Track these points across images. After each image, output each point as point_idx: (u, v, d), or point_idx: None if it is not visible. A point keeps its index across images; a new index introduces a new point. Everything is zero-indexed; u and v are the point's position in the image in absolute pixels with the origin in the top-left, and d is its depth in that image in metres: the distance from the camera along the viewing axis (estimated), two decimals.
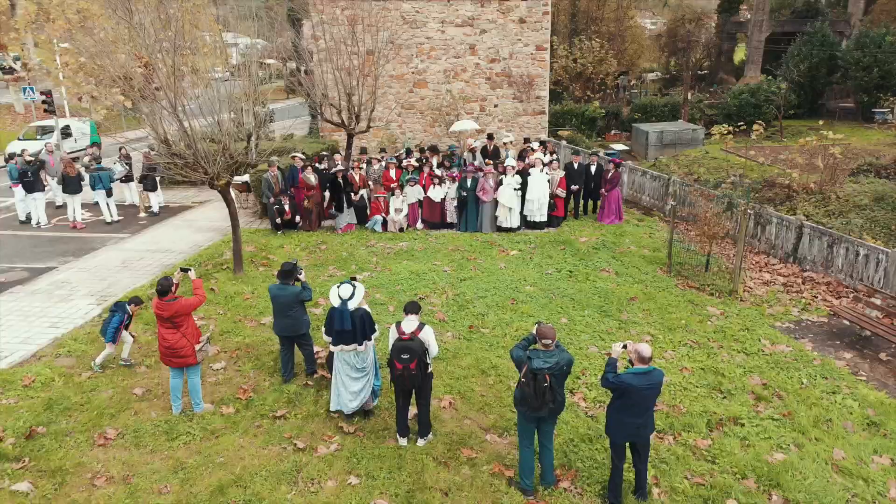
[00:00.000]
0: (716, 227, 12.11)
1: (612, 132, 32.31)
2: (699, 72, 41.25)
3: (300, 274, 9.20)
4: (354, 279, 8.32)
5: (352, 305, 7.92)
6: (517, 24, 21.28)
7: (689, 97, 33.52)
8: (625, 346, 6.94)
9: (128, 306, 9.72)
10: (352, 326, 7.92)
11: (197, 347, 8.34)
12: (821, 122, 23.50)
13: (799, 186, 18.11)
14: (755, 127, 24.17)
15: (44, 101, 20.99)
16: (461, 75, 21.74)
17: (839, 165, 18.14)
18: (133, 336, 10.02)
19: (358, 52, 16.52)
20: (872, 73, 30.49)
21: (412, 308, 7.72)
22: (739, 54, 45.66)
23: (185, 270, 8.80)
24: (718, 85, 40.17)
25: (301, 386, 9.14)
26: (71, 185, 15.93)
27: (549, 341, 6.74)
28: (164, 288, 8.20)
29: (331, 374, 8.40)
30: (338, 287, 8.07)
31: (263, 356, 10.00)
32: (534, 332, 7.15)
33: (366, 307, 8.26)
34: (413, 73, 21.70)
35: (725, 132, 23.76)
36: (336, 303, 7.97)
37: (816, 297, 11.82)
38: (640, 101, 33.21)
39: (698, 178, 22.58)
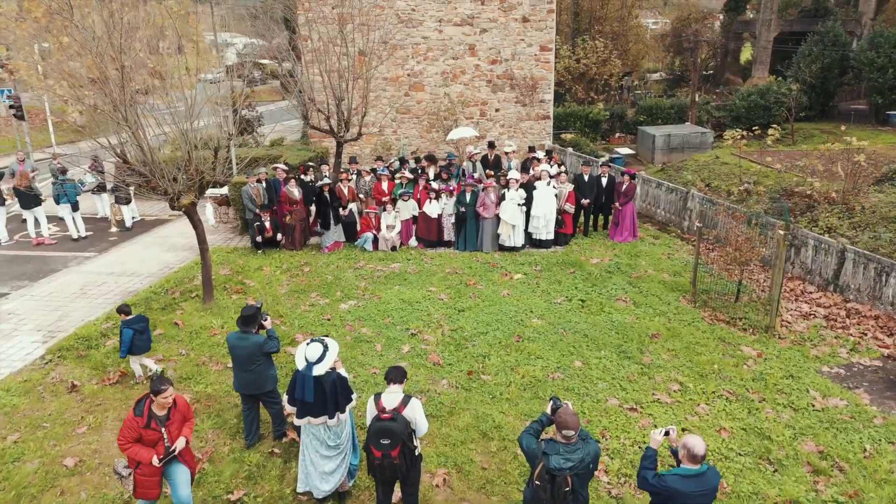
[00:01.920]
0: (749, 252, 10.41)
1: (617, 135, 30.66)
2: (704, 72, 39.51)
3: (265, 320, 7.53)
4: (326, 336, 6.64)
5: (319, 370, 6.24)
6: (520, 22, 19.54)
7: (696, 99, 31.80)
8: (667, 434, 5.28)
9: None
10: (320, 396, 6.26)
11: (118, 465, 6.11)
12: (843, 128, 21.80)
13: (819, 196, 16.48)
14: (770, 131, 22.48)
15: (11, 106, 19.26)
16: (460, 77, 20.01)
17: (861, 173, 16.52)
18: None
19: (348, 54, 14.82)
20: (887, 73, 28.76)
21: (396, 376, 6.04)
22: (745, 54, 43.88)
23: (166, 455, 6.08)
24: (724, 86, 38.44)
25: (266, 455, 7.48)
26: (23, 198, 14.22)
27: (572, 433, 5.07)
28: (154, 388, 5.89)
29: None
30: (306, 345, 6.41)
31: (226, 410, 8.35)
32: (548, 410, 5.51)
33: (340, 371, 6.61)
34: (408, 75, 19.98)
35: (739, 136, 22.06)
36: (301, 365, 6.31)
37: (866, 335, 10.13)
38: (645, 103, 31.52)
39: (709, 184, 21.00)
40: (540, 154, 15.88)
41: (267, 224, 13.68)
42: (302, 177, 14.58)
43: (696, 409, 8.28)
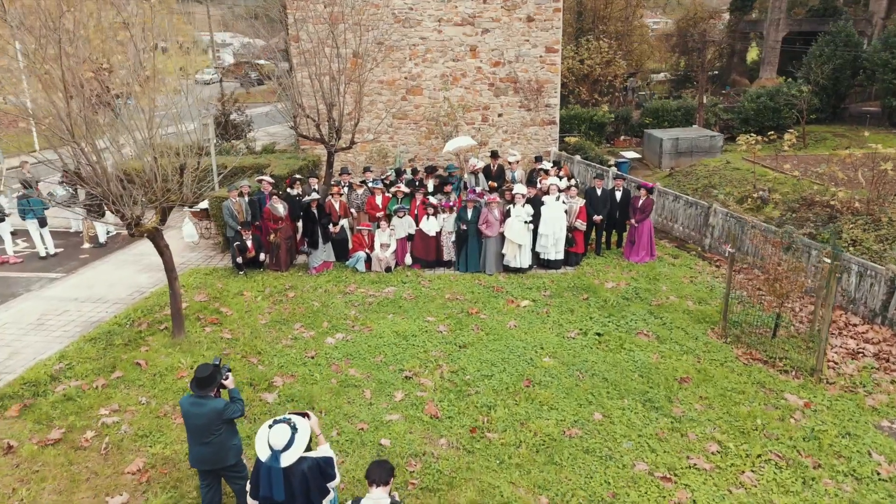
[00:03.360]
0: (791, 284, 8.99)
1: (622, 138, 29.23)
2: (710, 73, 38.02)
3: (225, 378, 6.12)
4: (302, 415, 5.23)
5: (287, 459, 4.86)
6: (524, 22, 18.09)
7: (704, 100, 30.34)
8: None
9: None
10: (288, 491, 4.87)
11: None
12: (866, 133, 20.37)
13: (842, 206, 15.13)
14: (787, 136, 21.06)
15: None
16: (460, 80, 18.57)
17: (883, 180, 15.18)
18: None
19: (340, 55, 13.37)
20: None
21: (379, 476, 4.65)
22: (751, 54, 42.39)
23: None
24: (731, 87, 36.98)
25: None
26: None
27: None
28: None
29: None
30: (268, 427, 5.01)
31: (186, 480, 6.94)
32: None
33: (323, 447, 5.24)
34: (406, 78, 18.53)
35: (754, 142, 20.62)
36: (264, 455, 4.93)
37: None
38: (651, 105, 30.07)
39: (717, 190, 19.68)
40: (547, 164, 14.44)
41: (249, 243, 12.28)
42: (289, 190, 13.16)
43: (740, 478, 6.88)
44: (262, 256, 12.42)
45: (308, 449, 5.12)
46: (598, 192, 12.78)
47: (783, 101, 27.53)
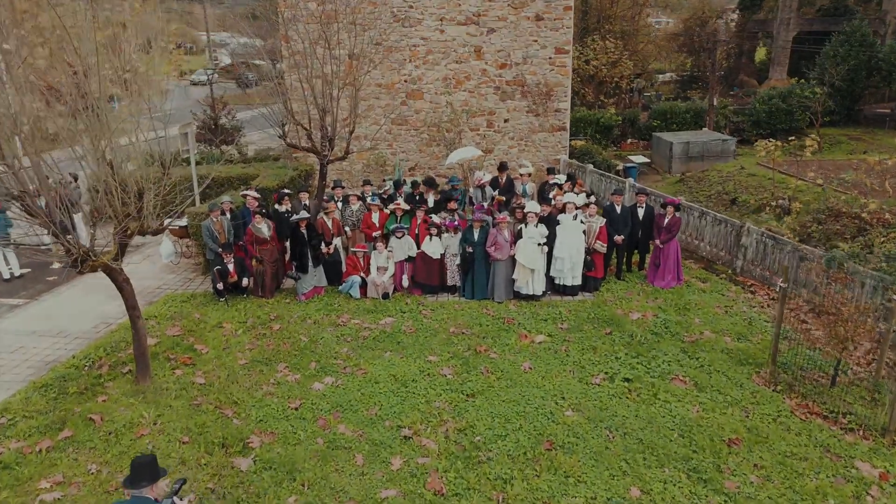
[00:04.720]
0: (860, 328, 7.52)
1: (629, 141, 27.76)
2: (718, 73, 36.46)
3: (176, 493, 4.64)
4: None
5: None
6: (532, 21, 16.58)
7: (714, 102, 28.85)
8: None
9: None
10: None
11: None
12: None
13: (871, 218, 13.75)
14: (808, 142, 19.60)
15: None
16: (464, 84, 17.06)
17: None
18: None
19: (334, 57, 11.89)
20: None
21: None
22: (759, 54, 40.84)
23: None
24: (739, 87, 35.48)
25: None
26: None
27: None
28: None
29: None
30: None
31: None
32: None
33: None
34: (406, 81, 17.03)
35: (773, 147, 19.14)
36: None
37: None
38: (659, 108, 28.57)
39: (736, 198, 18.34)
40: (560, 178, 12.93)
41: (231, 267, 10.82)
42: (277, 207, 11.70)
43: None
44: (244, 282, 10.95)
45: None
46: (618, 208, 11.31)
47: (796, 102, 26.11)
